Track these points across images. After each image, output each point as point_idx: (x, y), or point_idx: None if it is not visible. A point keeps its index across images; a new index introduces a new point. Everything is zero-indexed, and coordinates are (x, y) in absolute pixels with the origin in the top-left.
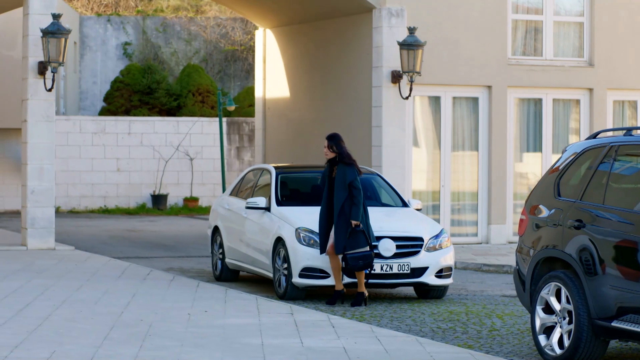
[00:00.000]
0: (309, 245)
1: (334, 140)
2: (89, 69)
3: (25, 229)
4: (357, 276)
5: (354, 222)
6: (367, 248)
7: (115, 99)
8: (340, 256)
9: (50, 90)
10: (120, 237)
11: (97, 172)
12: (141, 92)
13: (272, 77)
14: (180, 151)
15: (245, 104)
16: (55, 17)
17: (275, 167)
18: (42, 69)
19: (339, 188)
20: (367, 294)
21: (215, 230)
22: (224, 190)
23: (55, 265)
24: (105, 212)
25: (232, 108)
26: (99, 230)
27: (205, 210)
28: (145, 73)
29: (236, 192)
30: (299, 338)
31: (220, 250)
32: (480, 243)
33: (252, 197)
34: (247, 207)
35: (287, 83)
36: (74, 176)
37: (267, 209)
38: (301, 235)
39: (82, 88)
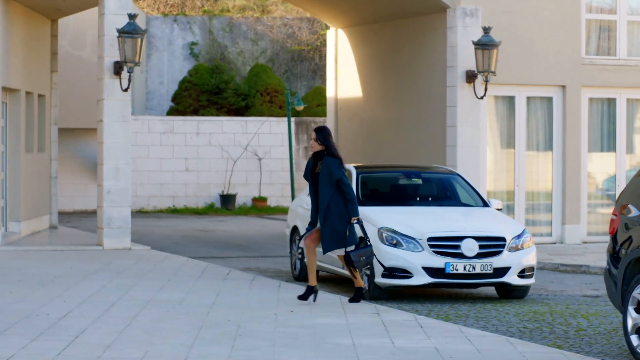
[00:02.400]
0: (392, 245)
1: (323, 133)
2: (156, 69)
3: (101, 228)
4: (352, 271)
5: (353, 218)
6: (360, 244)
7: (183, 99)
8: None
9: (126, 90)
10: (192, 237)
11: (166, 172)
12: (209, 92)
13: (343, 77)
14: (249, 151)
15: (313, 103)
16: (131, 17)
17: (356, 167)
18: (117, 69)
19: (324, 184)
20: (366, 287)
21: (294, 230)
22: (292, 190)
23: (133, 265)
24: (173, 212)
25: (300, 108)
26: (170, 230)
27: (274, 210)
28: (213, 73)
29: None
30: (389, 338)
31: (299, 250)
32: (555, 243)
33: None
34: None
35: (360, 83)
36: (142, 176)
37: None
38: (384, 235)
39: (149, 88)
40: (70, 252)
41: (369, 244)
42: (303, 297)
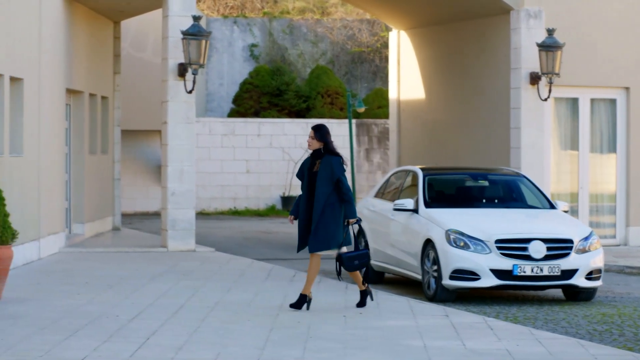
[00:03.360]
0: (459, 247)
1: (321, 131)
2: (216, 70)
3: (165, 230)
4: (353, 276)
5: (351, 220)
6: (353, 248)
7: (244, 101)
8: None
9: (190, 92)
10: (255, 238)
11: (227, 173)
12: (270, 93)
13: (406, 78)
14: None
15: (374, 105)
16: (196, 19)
17: (422, 169)
18: (182, 70)
19: (322, 183)
20: (370, 289)
21: (360, 232)
22: (353, 192)
23: (199, 267)
24: (234, 213)
25: (361, 110)
26: (232, 232)
27: None
28: (274, 75)
29: (381, 194)
30: (460, 340)
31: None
32: (619, 245)
33: (398, 199)
34: (395, 209)
35: (422, 85)
36: (203, 178)
37: (415, 210)
38: (451, 237)
39: (209, 90)
40: (135, 254)
41: (363, 247)
42: (296, 306)
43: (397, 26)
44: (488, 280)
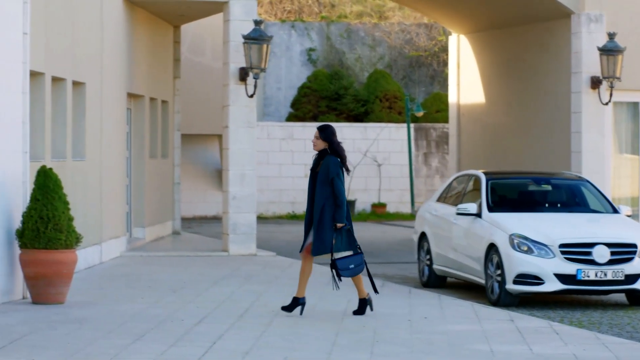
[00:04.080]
0: (523, 251)
1: (326, 132)
2: (274, 74)
3: (226, 234)
4: (355, 281)
5: (338, 225)
6: (352, 252)
7: (302, 105)
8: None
9: (251, 96)
10: None
11: (285, 177)
12: (328, 97)
13: (466, 83)
14: (368, 157)
15: (433, 109)
16: (257, 23)
17: (485, 173)
18: (243, 75)
19: (322, 183)
20: (370, 297)
21: (422, 236)
22: (412, 196)
23: (261, 271)
24: (293, 217)
25: (420, 114)
26: (291, 236)
27: (393, 217)
28: (332, 79)
29: (443, 199)
30: (526, 345)
31: (428, 257)
32: None
33: (461, 203)
34: (458, 214)
35: (482, 89)
36: (262, 182)
37: (478, 215)
38: (515, 241)
39: (267, 94)
40: (197, 258)
41: (359, 252)
42: (288, 309)
43: (457, 30)
44: (552, 285)
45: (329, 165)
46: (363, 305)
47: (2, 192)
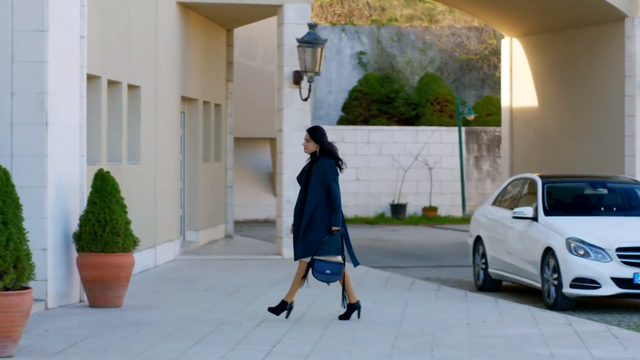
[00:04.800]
0: (579, 255)
1: (317, 133)
2: (324, 78)
3: (280, 238)
4: (346, 287)
5: (334, 228)
6: (339, 258)
7: (353, 109)
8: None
9: (305, 99)
10: (368, 246)
11: None
12: (379, 101)
13: (518, 86)
14: (419, 160)
15: (484, 113)
16: (311, 26)
17: (541, 177)
18: (297, 78)
19: (315, 186)
20: (359, 304)
21: (477, 240)
22: (463, 199)
23: None
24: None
25: (471, 117)
26: None
27: (444, 220)
28: (383, 82)
29: (498, 202)
30: (585, 349)
31: (483, 260)
32: None
33: (517, 206)
34: (514, 217)
35: (535, 92)
36: None
37: (534, 218)
38: (572, 245)
39: (317, 97)
40: (250, 261)
41: (342, 261)
42: (275, 311)
43: (510, 33)
44: (609, 289)
45: (325, 168)
46: (350, 310)
47: (60, 195)
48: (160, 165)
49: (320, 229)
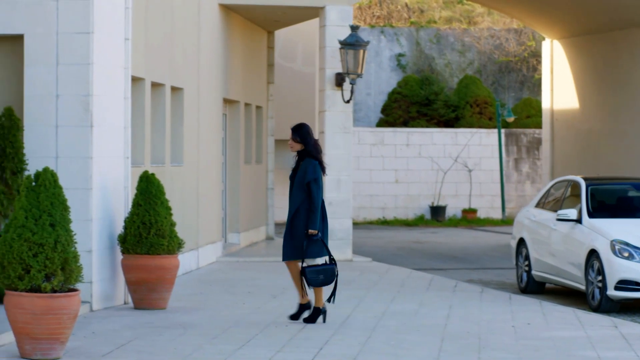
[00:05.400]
0: (624, 257)
1: (300, 131)
2: (363, 80)
3: None
4: (314, 290)
5: (310, 231)
6: (325, 260)
7: (393, 110)
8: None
9: (348, 101)
10: (408, 248)
11: (376, 183)
12: (419, 103)
13: (559, 88)
14: (459, 162)
15: (523, 115)
16: (354, 29)
17: (585, 179)
18: (339, 80)
19: (297, 187)
20: (326, 308)
21: (520, 242)
22: (502, 202)
23: (358, 276)
24: (383, 223)
25: (511, 119)
26: (383, 241)
27: (484, 222)
28: (422, 84)
29: (542, 204)
30: (632, 351)
31: (526, 262)
32: None
33: (560, 209)
34: (558, 219)
35: (576, 94)
36: (352, 187)
37: (578, 221)
38: (616, 247)
39: (356, 99)
40: None
41: (332, 262)
42: (294, 317)
43: (550, 35)
44: None
45: (306, 168)
46: (316, 314)
47: (105, 197)
48: (202, 167)
49: (302, 229)
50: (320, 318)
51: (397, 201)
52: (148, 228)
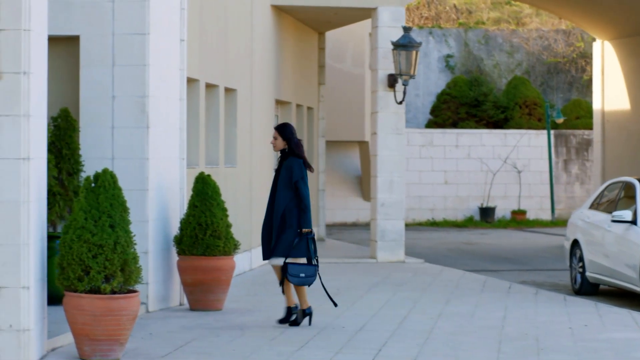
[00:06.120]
0: None
1: (284, 130)
2: (412, 81)
3: (374, 241)
4: (297, 290)
5: (304, 230)
6: (306, 260)
7: (442, 112)
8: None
9: (400, 102)
10: (459, 249)
11: (425, 184)
12: (468, 104)
13: (611, 89)
14: (508, 164)
15: (572, 116)
16: (406, 30)
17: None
18: (392, 81)
19: (282, 186)
20: (311, 310)
21: (574, 243)
22: (552, 203)
23: (411, 278)
24: (432, 224)
25: (560, 120)
26: (434, 242)
27: (533, 223)
28: (471, 85)
29: (595, 205)
30: None
31: (580, 264)
32: None
33: (614, 210)
34: (613, 221)
35: (628, 95)
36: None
37: (633, 222)
38: None
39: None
40: (344, 265)
41: (315, 263)
42: (284, 321)
43: (601, 36)
44: None
45: (292, 167)
46: (302, 316)
47: (160, 198)
48: (255, 168)
49: (290, 231)
50: (306, 320)
51: (446, 202)
52: (204, 229)
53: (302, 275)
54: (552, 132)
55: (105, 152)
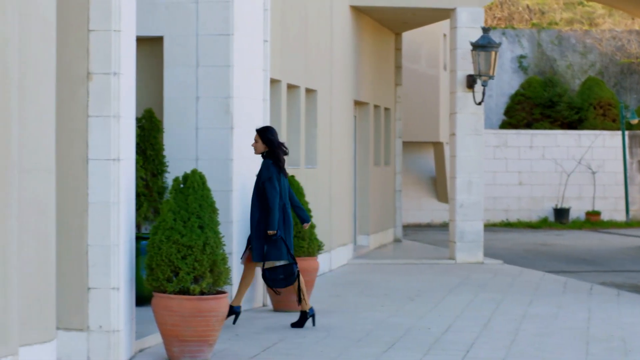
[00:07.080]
0: None
1: (265, 133)
2: None
3: (453, 242)
4: (297, 291)
5: (269, 232)
6: (286, 260)
7: (516, 112)
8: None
9: (479, 103)
10: (535, 250)
11: (499, 185)
12: (542, 105)
13: None
14: (582, 165)
15: None
16: (485, 30)
17: None
18: (470, 82)
19: (254, 189)
20: (313, 311)
21: None
22: (626, 204)
23: (492, 279)
24: (507, 225)
25: (635, 121)
26: (510, 243)
27: (607, 225)
28: (545, 86)
29: None
30: None
31: None
32: None
33: None
34: None
35: None
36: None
37: None
38: None
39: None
40: (423, 266)
41: (292, 262)
42: (297, 324)
43: None
44: None
45: (261, 169)
46: (303, 318)
47: (245, 199)
48: (335, 169)
49: (262, 235)
50: (310, 321)
51: (520, 203)
52: None
53: (282, 276)
54: (626, 133)
55: (190, 152)
